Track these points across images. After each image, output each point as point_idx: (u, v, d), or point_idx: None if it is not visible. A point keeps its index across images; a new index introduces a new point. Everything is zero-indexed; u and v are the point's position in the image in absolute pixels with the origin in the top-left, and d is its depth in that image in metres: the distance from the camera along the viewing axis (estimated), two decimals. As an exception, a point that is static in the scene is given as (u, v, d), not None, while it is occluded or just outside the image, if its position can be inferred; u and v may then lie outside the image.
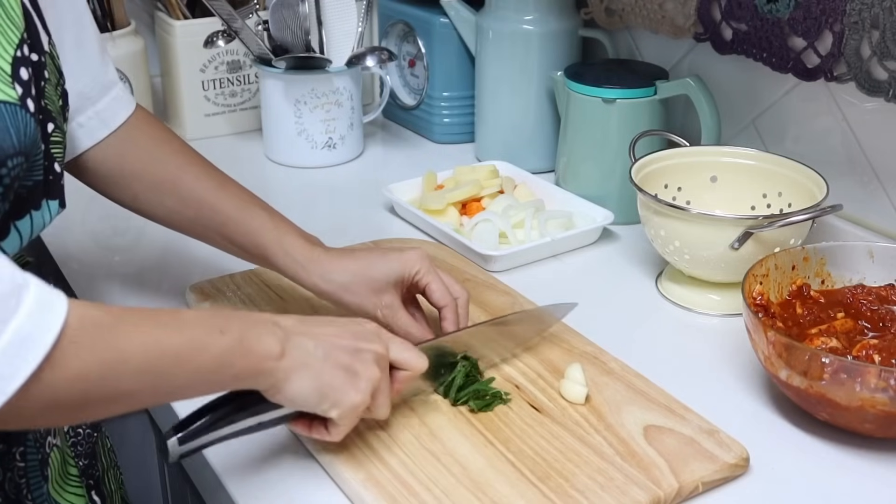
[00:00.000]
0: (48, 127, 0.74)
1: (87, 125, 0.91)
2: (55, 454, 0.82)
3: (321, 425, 0.79)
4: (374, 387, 0.77)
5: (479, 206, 1.28)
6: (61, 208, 0.78)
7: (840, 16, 1.09)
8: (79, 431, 0.88)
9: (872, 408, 0.81)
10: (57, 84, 0.78)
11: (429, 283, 0.93)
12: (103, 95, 0.92)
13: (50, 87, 0.75)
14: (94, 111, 0.91)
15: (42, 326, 0.57)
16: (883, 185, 1.14)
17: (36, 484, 0.79)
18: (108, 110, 0.93)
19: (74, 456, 0.86)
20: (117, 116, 0.93)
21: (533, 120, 1.43)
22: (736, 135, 1.30)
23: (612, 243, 1.24)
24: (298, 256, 0.92)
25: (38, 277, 0.58)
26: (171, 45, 1.55)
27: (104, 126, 0.92)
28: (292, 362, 0.72)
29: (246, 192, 0.96)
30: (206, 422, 0.74)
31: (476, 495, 0.77)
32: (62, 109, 0.79)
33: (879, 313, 0.95)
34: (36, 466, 0.79)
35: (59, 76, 0.78)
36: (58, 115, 0.77)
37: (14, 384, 0.55)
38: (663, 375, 0.93)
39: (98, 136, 0.92)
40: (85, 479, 0.87)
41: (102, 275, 1.18)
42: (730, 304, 1.07)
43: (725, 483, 0.82)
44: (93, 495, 0.88)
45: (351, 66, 1.46)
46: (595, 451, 0.82)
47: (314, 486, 0.81)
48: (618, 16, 1.38)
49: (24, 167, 0.70)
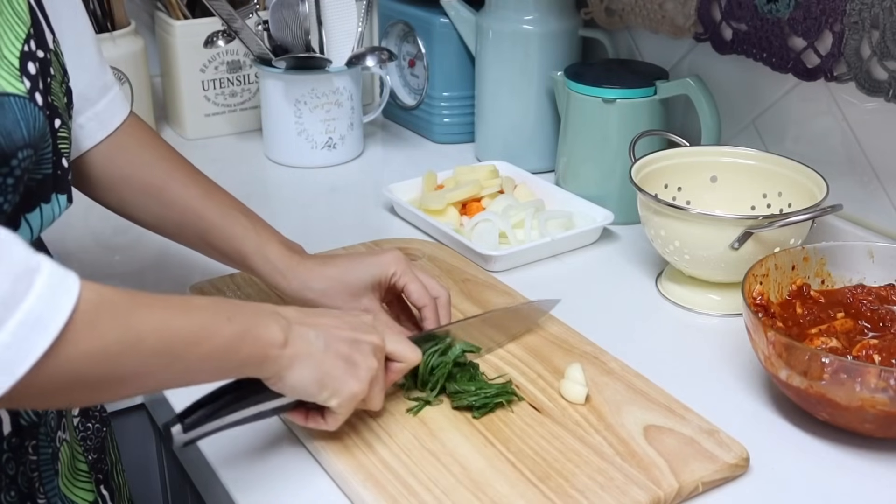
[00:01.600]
0: (55, 122, 0.75)
1: (87, 126, 0.91)
2: (65, 449, 0.82)
3: (318, 414, 0.80)
4: (373, 376, 0.79)
5: (479, 206, 1.28)
6: (69, 203, 0.79)
7: (840, 16, 1.09)
8: (88, 426, 0.89)
9: (872, 408, 0.81)
10: (62, 81, 0.78)
11: (406, 285, 0.95)
12: (102, 97, 0.92)
13: (56, 84, 0.76)
14: (94, 112, 0.92)
15: (54, 307, 0.57)
16: (883, 185, 1.14)
17: (48, 478, 0.79)
18: (106, 112, 0.93)
19: (84, 451, 0.87)
20: (115, 118, 0.94)
21: (533, 120, 1.43)
22: (736, 135, 1.30)
23: (612, 243, 1.24)
24: (279, 264, 0.94)
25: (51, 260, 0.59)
26: (171, 45, 1.55)
27: (103, 127, 0.93)
28: (295, 351, 0.74)
29: (230, 199, 0.97)
30: (209, 410, 0.76)
31: (476, 495, 0.77)
32: (68, 106, 0.79)
33: (879, 313, 0.95)
34: (48, 460, 0.79)
35: (64, 73, 0.79)
36: (64, 112, 0.77)
37: (24, 365, 0.56)
38: (663, 375, 0.93)
39: (97, 138, 0.92)
40: (94, 474, 0.87)
41: (102, 275, 1.18)
42: (730, 304, 1.07)
43: (725, 483, 0.82)
44: (101, 490, 0.88)
45: (351, 66, 1.46)
46: (595, 451, 0.82)
47: (314, 486, 0.81)
48: (618, 16, 1.38)
49: (33, 160, 0.70)
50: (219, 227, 0.95)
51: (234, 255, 0.95)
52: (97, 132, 0.92)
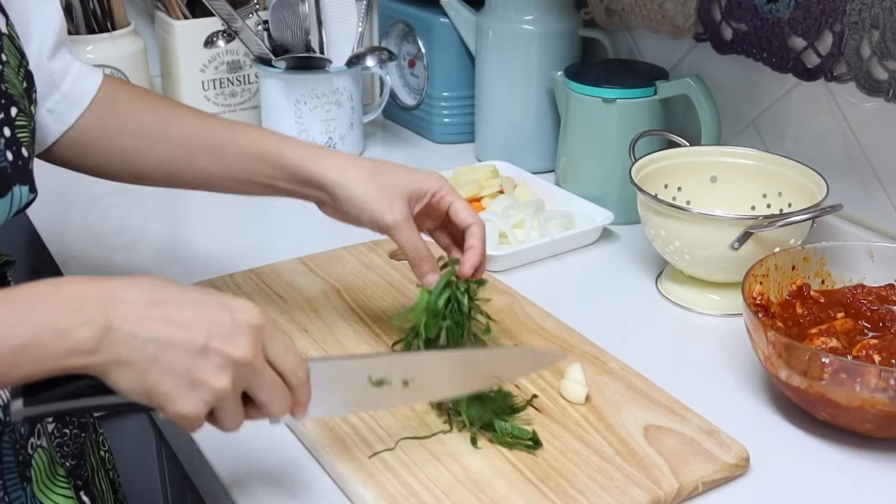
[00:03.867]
0: (11, 111, 0.73)
1: (56, 110, 0.89)
2: (40, 455, 0.80)
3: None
4: (217, 398, 0.65)
5: (479, 206, 1.28)
6: (32, 194, 0.76)
7: (840, 16, 1.09)
8: (65, 432, 0.87)
9: (872, 408, 0.81)
10: (19, 66, 0.76)
11: (452, 203, 0.89)
12: (65, 77, 0.90)
13: (10, 70, 0.74)
14: (60, 94, 0.90)
15: None
16: (883, 185, 1.14)
17: (13, 486, 0.77)
18: (73, 91, 0.90)
19: (61, 457, 0.85)
20: (84, 95, 0.91)
21: (533, 120, 1.43)
22: (736, 135, 1.30)
23: (612, 243, 1.24)
24: (309, 150, 0.88)
25: None
26: (171, 45, 1.55)
27: (73, 107, 0.90)
28: (111, 357, 0.62)
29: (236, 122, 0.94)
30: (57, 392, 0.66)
31: (476, 495, 0.77)
32: (27, 91, 0.77)
33: (879, 313, 0.95)
34: (13, 468, 0.77)
35: (21, 57, 0.76)
36: (21, 98, 0.75)
37: None
38: (663, 375, 0.93)
39: (69, 119, 0.90)
40: (73, 480, 0.86)
41: (102, 274, 1.17)
42: (730, 304, 1.07)
43: (725, 483, 0.82)
44: (81, 495, 0.87)
45: (351, 66, 1.46)
46: (595, 451, 0.82)
47: (314, 486, 0.81)
48: (618, 16, 1.38)
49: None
50: (231, 140, 0.90)
51: (256, 159, 0.89)
52: (68, 113, 0.90)
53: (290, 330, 1.00)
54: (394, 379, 0.75)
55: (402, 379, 0.75)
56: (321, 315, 1.02)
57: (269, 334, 0.67)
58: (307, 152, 0.88)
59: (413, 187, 0.87)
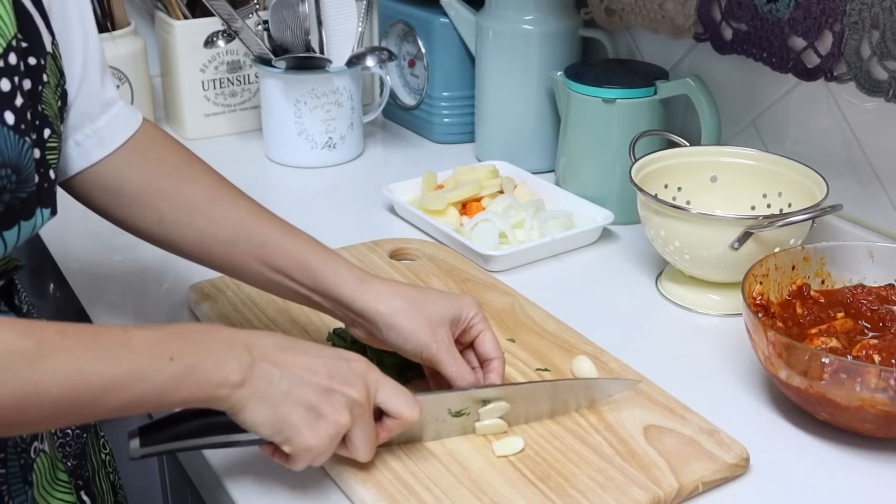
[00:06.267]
0: (44, 132, 0.72)
1: (84, 144, 0.86)
2: (42, 459, 0.80)
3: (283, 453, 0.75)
4: (338, 432, 0.73)
5: (479, 206, 1.28)
6: (52, 216, 0.76)
7: (840, 16, 1.09)
8: (67, 433, 0.87)
9: (872, 408, 0.81)
10: (57, 85, 0.76)
11: (483, 332, 0.88)
12: (103, 113, 0.87)
13: (48, 91, 0.73)
14: (93, 129, 0.86)
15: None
16: (883, 185, 1.14)
17: (17, 490, 0.78)
18: (107, 129, 0.87)
19: (63, 457, 0.85)
20: (116, 137, 0.88)
21: (533, 120, 1.43)
22: (736, 135, 1.30)
23: (612, 243, 1.24)
24: (351, 276, 0.86)
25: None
26: (171, 45, 1.55)
27: (102, 146, 0.87)
28: (252, 390, 0.70)
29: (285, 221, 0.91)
30: (171, 433, 0.73)
31: (476, 495, 0.77)
32: (60, 111, 0.76)
33: (879, 313, 0.95)
34: (17, 472, 0.77)
35: (60, 76, 0.76)
36: (55, 119, 0.74)
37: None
38: (663, 375, 0.93)
39: (93, 157, 0.87)
40: (74, 480, 0.86)
41: (102, 275, 1.18)
42: (730, 304, 1.07)
43: (725, 483, 0.82)
44: (82, 495, 0.87)
45: (351, 66, 1.46)
46: (595, 451, 0.82)
47: (314, 486, 0.81)
48: (618, 16, 1.38)
49: (12, 179, 0.68)
50: (277, 239, 0.87)
51: (296, 268, 0.86)
52: (94, 151, 0.87)
53: (289, 330, 1.00)
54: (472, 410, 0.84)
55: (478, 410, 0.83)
56: (321, 315, 1.02)
57: (378, 380, 0.76)
58: (349, 276, 0.86)
59: (454, 314, 0.87)
